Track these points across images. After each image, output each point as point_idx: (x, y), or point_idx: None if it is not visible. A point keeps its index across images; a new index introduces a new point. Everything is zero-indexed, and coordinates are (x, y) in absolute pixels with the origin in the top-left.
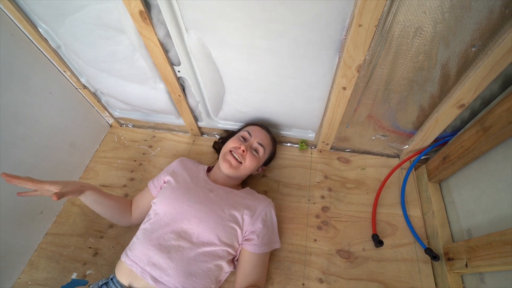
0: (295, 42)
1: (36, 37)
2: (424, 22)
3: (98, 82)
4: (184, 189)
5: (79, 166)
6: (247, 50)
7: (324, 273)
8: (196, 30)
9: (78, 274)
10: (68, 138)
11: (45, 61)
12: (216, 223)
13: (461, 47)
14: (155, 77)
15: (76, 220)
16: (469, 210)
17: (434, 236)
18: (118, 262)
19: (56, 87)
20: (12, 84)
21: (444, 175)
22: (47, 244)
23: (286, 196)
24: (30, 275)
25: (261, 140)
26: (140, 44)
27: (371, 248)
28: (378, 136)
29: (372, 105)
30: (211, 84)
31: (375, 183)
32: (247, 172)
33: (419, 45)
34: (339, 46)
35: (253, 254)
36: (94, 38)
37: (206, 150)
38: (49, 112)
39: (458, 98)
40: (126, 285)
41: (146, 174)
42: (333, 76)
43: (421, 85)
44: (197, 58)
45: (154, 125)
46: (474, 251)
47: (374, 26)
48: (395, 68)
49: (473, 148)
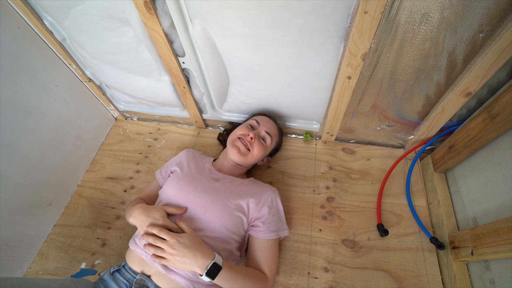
0: (300, 30)
1: (42, 30)
2: (431, 8)
3: (103, 74)
4: (190, 178)
5: (85, 158)
6: (252, 39)
7: (329, 262)
8: (200, 20)
9: (87, 264)
10: (74, 131)
11: (50, 54)
12: (221, 212)
13: (468, 33)
14: (160, 69)
15: (84, 212)
16: (475, 199)
17: (439, 225)
18: (128, 251)
19: (61, 80)
20: (19, 77)
21: (449, 165)
22: (56, 235)
23: (291, 187)
24: (40, 265)
25: (268, 129)
26: (145, 35)
27: (376, 237)
28: (383, 127)
29: (377, 94)
30: (215, 75)
31: (380, 173)
32: (253, 161)
33: (425, 31)
34: (344, 34)
35: (260, 240)
36: (98, 30)
37: (211, 142)
38: (55, 105)
39: (464, 86)
40: (138, 271)
41: (151, 167)
42: (338, 65)
43: (427, 73)
44: (201, 49)
45: (159, 118)
46: (480, 238)
47: (380, 12)
48: (400, 56)
49: (480, 136)
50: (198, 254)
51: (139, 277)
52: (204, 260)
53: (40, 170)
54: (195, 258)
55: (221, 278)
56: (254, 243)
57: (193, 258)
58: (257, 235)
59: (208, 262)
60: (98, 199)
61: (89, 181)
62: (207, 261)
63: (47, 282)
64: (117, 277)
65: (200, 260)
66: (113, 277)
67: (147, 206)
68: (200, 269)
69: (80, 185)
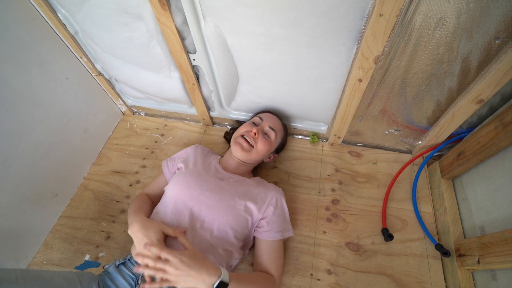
0: (313, 31)
1: (55, 22)
2: (447, 12)
3: (113, 69)
4: (196, 176)
5: (92, 151)
6: (264, 38)
7: (333, 265)
8: (213, 17)
9: (91, 256)
10: (82, 124)
11: (62, 46)
12: (226, 211)
13: (484, 39)
14: (170, 65)
15: (89, 204)
16: (483, 207)
17: (445, 232)
18: (133, 245)
19: (72, 73)
20: (31, 68)
21: (458, 172)
22: (61, 226)
23: (296, 188)
24: (45, 255)
25: (272, 124)
26: (157, 31)
27: (381, 242)
28: (391, 131)
29: (387, 98)
30: (225, 73)
31: (386, 178)
32: (258, 157)
33: (440, 36)
34: (358, 36)
35: (266, 241)
36: (111, 23)
37: (217, 140)
38: (65, 97)
39: (477, 93)
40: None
41: (157, 162)
42: (349, 68)
43: (439, 79)
44: (213, 46)
45: (166, 114)
46: (487, 247)
47: (395, 16)
48: (413, 60)
49: (490, 144)
50: (203, 272)
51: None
52: (210, 278)
53: (47, 161)
54: (201, 277)
55: None
56: (260, 245)
57: (199, 276)
58: (262, 236)
59: (215, 280)
60: (104, 192)
61: (95, 174)
62: (214, 278)
63: (51, 274)
64: (123, 270)
65: (206, 279)
66: (119, 270)
67: (146, 223)
68: (206, 286)
69: (86, 178)
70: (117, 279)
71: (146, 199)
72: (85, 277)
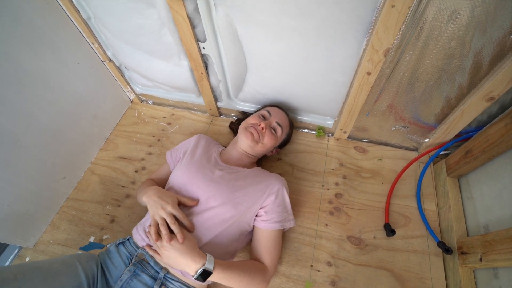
0: (324, 22)
1: (69, 7)
2: (461, 5)
3: (123, 56)
4: (197, 167)
5: (100, 137)
6: (274, 28)
7: (333, 257)
8: (224, 6)
9: (95, 238)
10: (91, 109)
11: (75, 31)
12: (225, 202)
13: (498, 34)
14: (180, 53)
15: (96, 188)
16: (488, 206)
17: (448, 230)
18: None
19: (83, 58)
20: (44, 51)
21: (464, 170)
22: (68, 208)
23: (300, 180)
24: (52, 235)
25: (280, 120)
26: (169, 18)
27: (382, 237)
28: (398, 127)
29: (395, 93)
30: (234, 63)
31: (391, 174)
32: (263, 150)
33: (453, 30)
34: (368, 28)
35: (263, 230)
36: (124, 10)
37: (223, 131)
38: (75, 82)
39: (488, 90)
40: (141, 246)
41: (163, 150)
42: (358, 60)
43: (450, 74)
44: (223, 35)
45: (174, 103)
46: (490, 245)
47: (408, 7)
48: (424, 54)
49: (500, 142)
50: (188, 258)
51: (140, 251)
52: (194, 264)
53: (57, 144)
54: (185, 262)
55: (214, 278)
56: (257, 233)
57: (183, 261)
58: (260, 225)
59: (198, 267)
60: (110, 177)
61: (102, 159)
62: (197, 265)
63: (48, 262)
64: (121, 249)
65: (190, 264)
66: (118, 249)
67: (162, 190)
68: (191, 272)
69: (94, 163)
70: (114, 257)
71: (153, 183)
72: (83, 257)
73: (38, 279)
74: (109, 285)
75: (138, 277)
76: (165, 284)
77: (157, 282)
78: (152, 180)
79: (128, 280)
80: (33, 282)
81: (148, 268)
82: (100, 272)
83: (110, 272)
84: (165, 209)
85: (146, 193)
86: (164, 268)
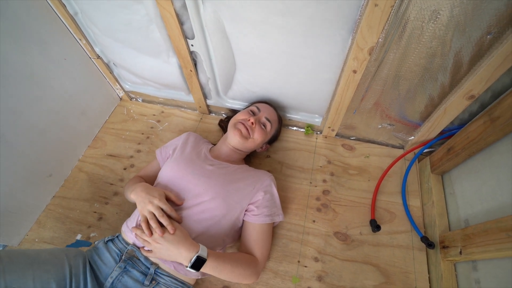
0: (310, 19)
1: (55, 2)
2: (441, 5)
3: (112, 52)
4: (187, 162)
5: (88, 134)
6: (262, 26)
7: (320, 253)
8: (212, 3)
9: (83, 236)
10: (79, 106)
11: (62, 27)
12: (216, 197)
13: (476, 34)
14: (169, 50)
15: (83, 186)
16: (468, 201)
17: (432, 225)
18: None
19: (70, 54)
20: (30, 46)
21: (447, 167)
22: (54, 206)
23: (288, 177)
24: (37, 233)
25: (269, 115)
26: (156, 14)
27: (368, 233)
28: (384, 125)
29: (381, 91)
30: (223, 60)
31: (378, 171)
32: (253, 146)
33: (433, 29)
34: (353, 26)
35: (254, 224)
36: (111, 5)
37: (213, 128)
38: (63, 78)
39: (468, 89)
40: (130, 243)
41: (152, 147)
42: (344, 58)
43: (433, 73)
44: (211, 32)
45: (164, 100)
46: (469, 238)
47: (390, 6)
48: (407, 53)
49: (479, 139)
50: (181, 247)
51: (130, 247)
52: (188, 253)
53: (44, 141)
54: (178, 251)
55: (208, 268)
56: (248, 227)
57: (176, 251)
58: (251, 219)
59: (192, 255)
60: (98, 174)
61: (90, 156)
62: (191, 253)
63: (36, 251)
64: (110, 246)
65: (184, 253)
66: (106, 246)
67: (149, 186)
68: (185, 261)
69: (81, 160)
70: (103, 254)
71: (141, 180)
72: (71, 252)
73: (24, 263)
74: (99, 282)
75: (129, 273)
76: (155, 279)
77: (147, 277)
78: (140, 177)
79: (118, 276)
80: (18, 265)
81: (139, 264)
82: (89, 269)
83: (100, 269)
84: (153, 203)
85: (134, 190)
86: (155, 264)
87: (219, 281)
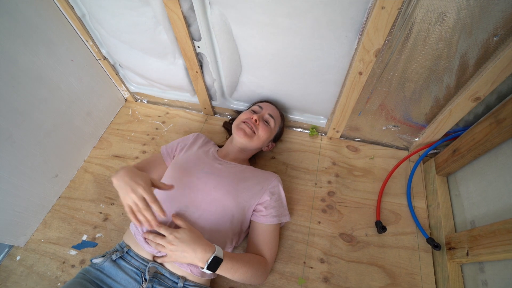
0: (316, 22)
1: (63, 4)
2: (448, 7)
3: (118, 53)
4: (197, 159)
5: (94, 135)
6: (268, 28)
7: (326, 254)
8: (219, 5)
9: (88, 236)
10: (85, 107)
11: (69, 28)
12: (225, 194)
13: (483, 36)
14: (175, 52)
15: (89, 186)
16: (474, 202)
17: (437, 227)
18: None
19: (77, 55)
20: (38, 48)
21: (452, 168)
22: (60, 206)
23: (293, 179)
24: (43, 233)
25: (271, 112)
26: (164, 16)
27: (374, 234)
28: (389, 127)
29: (386, 93)
30: (229, 62)
31: (382, 173)
32: (259, 143)
33: (440, 31)
34: (360, 28)
35: (262, 225)
36: (119, 7)
37: (218, 130)
38: (70, 79)
39: (474, 90)
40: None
41: (158, 148)
42: (350, 60)
43: (438, 75)
44: (217, 34)
45: (169, 102)
46: (476, 240)
47: (397, 9)
48: (413, 55)
49: (485, 140)
50: (197, 248)
51: (151, 264)
52: (204, 254)
53: (50, 141)
54: (194, 252)
55: (223, 269)
56: (256, 228)
57: (192, 252)
58: (259, 220)
59: (209, 256)
60: (103, 175)
61: (95, 157)
62: (208, 254)
63: None
64: (123, 265)
65: (199, 254)
66: (117, 265)
67: (134, 170)
68: (201, 263)
69: (87, 161)
70: (116, 275)
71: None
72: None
73: None
74: None
75: None
76: None
77: None
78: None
79: None
80: None
81: (165, 280)
82: None
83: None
84: (136, 191)
85: (116, 174)
86: (182, 277)
87: (225, 282)
